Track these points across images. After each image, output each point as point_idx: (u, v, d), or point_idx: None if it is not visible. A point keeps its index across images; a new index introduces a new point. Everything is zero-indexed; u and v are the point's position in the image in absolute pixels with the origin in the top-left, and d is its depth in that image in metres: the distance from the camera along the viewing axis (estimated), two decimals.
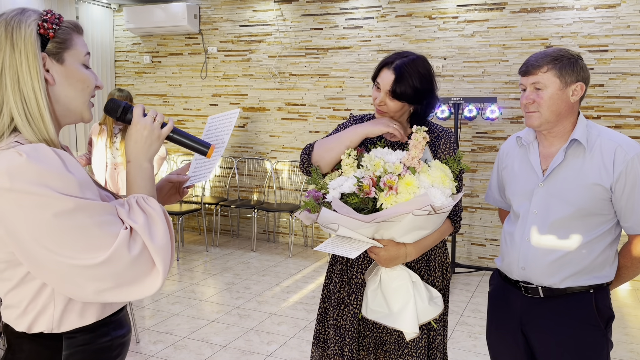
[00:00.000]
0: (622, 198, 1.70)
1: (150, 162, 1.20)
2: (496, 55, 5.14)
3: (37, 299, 1.10)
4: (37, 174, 1.00)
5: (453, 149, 1.91)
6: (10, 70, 1.06)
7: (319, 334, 2.05)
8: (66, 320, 1.12)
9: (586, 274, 1.75)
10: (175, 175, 1.44)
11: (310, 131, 6.02)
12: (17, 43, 1.06)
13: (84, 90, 1.16)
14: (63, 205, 1.00)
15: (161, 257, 1.07)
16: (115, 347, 1.22)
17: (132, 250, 1.04)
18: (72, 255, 1.00)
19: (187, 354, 3.42)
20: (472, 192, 5.36)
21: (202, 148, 1.29)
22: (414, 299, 1.74)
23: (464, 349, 3.56)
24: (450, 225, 1.90)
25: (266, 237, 6.38)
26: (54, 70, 1.12)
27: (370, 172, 1.66)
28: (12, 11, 1.10)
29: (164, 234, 1.09)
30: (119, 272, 1.03)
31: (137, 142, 1.19)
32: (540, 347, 1.81)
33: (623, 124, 4.81)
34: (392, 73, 1.82)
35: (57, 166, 1.02)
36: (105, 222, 1.03)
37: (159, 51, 6.71)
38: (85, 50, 1.17)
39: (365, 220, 1.60)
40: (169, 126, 1.23)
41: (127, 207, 1.10)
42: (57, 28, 1.11)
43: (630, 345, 3.67)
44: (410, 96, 1.82)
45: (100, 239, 1.02)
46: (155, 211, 1.11)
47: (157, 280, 1.07)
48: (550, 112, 1.72)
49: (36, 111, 1.08)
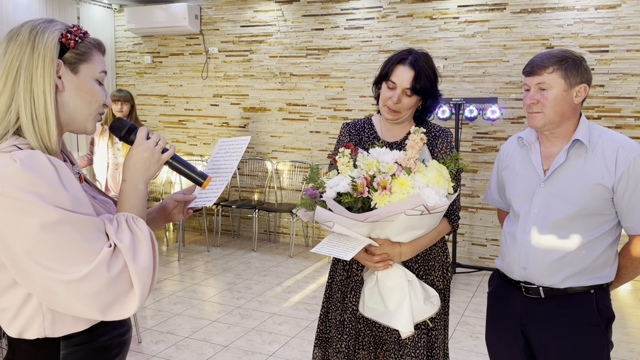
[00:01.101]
0: (623, 198, 1.71)
1: (146, 184, 1.21)
2: (497, 56, 5.15)
3: (26, 306, 1.10)
4: (28, 182, 1.00)
5: (450, 148, 1.92)
6: (26, 71, 1.10)
7: (321, 333, 2.06)
8: (59, 325, 1.12)
9: (587, 274, 1.76)
10: (181, 195, 1.46)
11: (311, 131, 6.03)
12: (38, 46, 1.10)
13: (91, 104, 1.19)
14: (49, 216, 1.00)
15: (140, 279, 1.06)
16: (114, 346, 1.22)
17: (111, 270, 1.03)
18: (53, 268, 1.00)
19: (189, 353, 3.43)
20: (473, 192, 5.36)
21: (199, 179, 1.30)
22: (409, 298, 1.75)
23: (464, 348, 3.57)
24: (448, 224, 1.91)
25: (267, 237, 6.38)
26: (65, 78, 1.15)
27: (364, 171, 1.67)
28: (40, 19, 1.16)
29: (148, 256, 1.09)
30: (97, 291, 1.02)
31: (137, 163, 1.20)
32: (540, 348, 1.82)
33: (623, 125, 4.82)
34: (411, 69, 1.84)
35: (49, 176, 1.03)
36: (89, 238, 1.03)
37: (160, 51, 6.72)
38: (102, 68, 1.21)
39: (358, 219, 1.61)
40: (170, 152, 1.25)
41: (116, 224, 1.10)
42: (79, 41, 1.16)
43: (630, 345, 3.67)
44: (428, 91, 1.85)
45: (83, 254, 1.01)
46: (142, 233, 1.11)
47: (133, 302, 1.06)
48: (554, 113, 1.72)
49: (42, 113, 1.10)
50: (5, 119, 1.10)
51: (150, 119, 6.85)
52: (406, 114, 1.90)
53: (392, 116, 1.89)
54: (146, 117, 6.87)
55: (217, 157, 1.43)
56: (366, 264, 1.79)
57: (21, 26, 1.13)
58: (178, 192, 1.47)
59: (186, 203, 1.46)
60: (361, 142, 2.00)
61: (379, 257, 1.75)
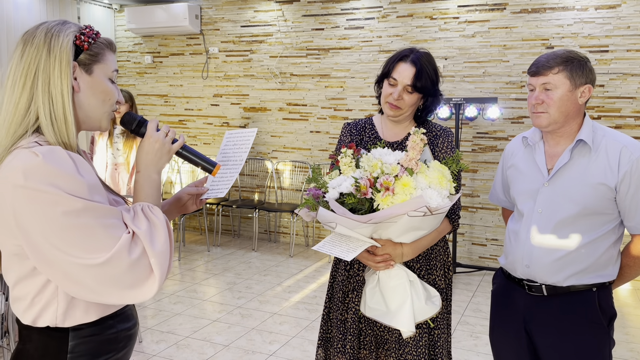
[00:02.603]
0: (626, 198, 1.71)
1: (159, 173, 1.27)
2: (497, 56, 5.15)
3: (42, 293, 1.15)
4: (50, 175, 1.06)
5: (451, 148, 1.92)
6: (44, 73, 1.14)
7: (324, 333, 2.06)
8: (70, 315, 1.17)
9: (590, 273, 1.77)
10: (193, 188, 1.51)
11: (312, 131, 6.03)
12: (54, 49, 1.15)
13: (105, 102, 1.24)
14: (72, 205, 1.05)
15: (159, 263, 1.11)
16: (121, 340, 1.26)
17: (132, 254, 1.08)
18: (75, 254, 1.05)
19: (190, 353, 3.43)
20: (473, 192, 5.37)
21: (209, 166, 1.36)
22: (410, 298, 1.75)
23: (465, 348, 3.57)
24: (449, 224, 1.91)
25: (267, 237, 6.39)
26: (81, 79, 1.20)
27: (367, 172, 1.67)
28: (54, 21, 1.21)
29: (165, 241, 1.15)
30: (118, 274, 1.07)
31: (149, 154, 1.26)
32: (543, 345, 1.82)
33: (623, 124, 4.82)
34: (412, 66, 1.85)
35: (69, 169, 1.09)
36: (109, 225, 1.09)
37: (160, 51, 6.72)
38: (114, 67, 1.26)
39: (361, 220, 1.62)
40: (180, 142, 1.31)
41: (132, 213, 1.16)
42: (92, 42, 1.21)
43: (630, 344, 3.68)
44: (428, 89, 1.86)
45: (104, 240, 1.07)
46: (158, 219, 1.17)
47: (153, 285, 1.11)
48: (559, 113, 1.73)
49: (61, 113, 1.16)
50: (25, 119, 1.15)
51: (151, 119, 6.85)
52: (407, 112, 1.90)
53: (393, 112, 1.89)
54: (146, 117, 6.85)
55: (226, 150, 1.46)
56: (368, 263, 1.79)
57: (36, 29, 1.17)
58: (191, 185, 1.52)
59: (199, 195, 1.51)
60: (362, 142, 2.00)
61: (381, 257, 1.75)
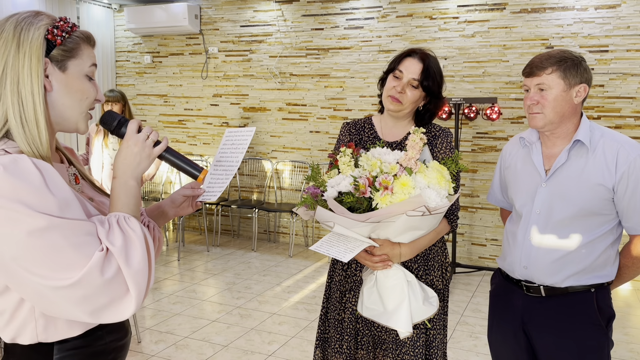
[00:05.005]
0: (624, 198, 1.71)
1: (137, 180, 1.14)
2: (496, 56, 5.15)
3: (20, 308, 1.07)
4: (12, 189, 0.96)
5: (450, 148, 1.92)
6: (12, 71, 1.04)
7: (321, 333, 2.06)
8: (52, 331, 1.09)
9: (588, 273, 1.76)
10: (189, 189, 1.41)
11: (311, 131, 6.03)
12: (23, 44, 1.04)
13: (82, 101, 1.13)
14: (35, 223, 0.96)
15: (135, 281, 1.02)
16: (110, 351, 1.18)
17: (105, 273, 0.99)
18: (44, 275, 0.97)
19: (189, 353, 3.43)
20: (473, 192, 5.36)
21: (194, 172, 1.27)
22: (408, 299, 1.75)
23: (464, 348, 3.57)
24: (447, 224, 1.91)
25: (267, 237, 6.38)
26: (53, 77, 1.09)
27: (367, 171, 1.66)
28: (25, 12, 1.09)
29: (142, 258, 1.04)
30: (91, 295, 0.99)
31: (126, 159, 1.14)
32: (541, 346, 1.82)
33: (623, 125, 4.82)
34: (420, 62, 1.85)
35: (34, 182, 0.98)
36: (80, 243, 0.99)
37: (159, 51, 6.72)
38: (91, 61, 1.14)
39: (359, 219, 1.61)
40: (162, 145, 1.19)
41: (107, 226, 1.05)
42: (67, 36, 1.09)
43: (630, 345, 3.68)
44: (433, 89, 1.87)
45: (74, 260, 0.97)
46: (135, 233, 1.06)
47: (130, 305, 1.02)
48: (555, 114, 1.73)
49: (32, 115, 1.05)
50: None
51: (150, 118, 6.85)
52: (407, 108, 1.89)
53: (394, 106, 1.88)
54: (146, 117, 6.87)
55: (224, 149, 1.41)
56: (365, 263, 1.79)
57: (5, 21, 1.06)
58: (186, 186, 1.42)
59: (194, 197, 1.42)
60: (361, 141, 2.00)
61: (379, 257, 1.75)
